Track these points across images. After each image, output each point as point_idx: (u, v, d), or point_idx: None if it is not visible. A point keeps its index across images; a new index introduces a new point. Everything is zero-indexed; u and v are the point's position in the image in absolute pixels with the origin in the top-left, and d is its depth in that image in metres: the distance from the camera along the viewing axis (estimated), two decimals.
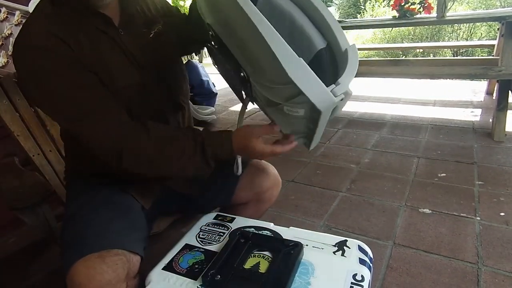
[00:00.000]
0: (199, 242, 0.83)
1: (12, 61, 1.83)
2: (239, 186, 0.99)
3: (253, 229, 0.86)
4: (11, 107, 1.04)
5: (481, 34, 7.83)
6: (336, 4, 12.93)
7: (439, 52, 7.09)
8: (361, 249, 0.78)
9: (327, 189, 1.81)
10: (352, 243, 0.79)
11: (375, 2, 9.73)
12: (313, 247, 0.78)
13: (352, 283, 0.68)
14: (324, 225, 1.52)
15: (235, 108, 3.48)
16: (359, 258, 0.75)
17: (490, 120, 2.48)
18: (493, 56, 3.01)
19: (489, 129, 2.38)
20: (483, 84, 3.44)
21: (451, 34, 8.09)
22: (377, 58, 6.19)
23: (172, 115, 0.90)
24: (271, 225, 0.88)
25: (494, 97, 2.80)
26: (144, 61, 0.82)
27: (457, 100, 3.16)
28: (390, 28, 7.30)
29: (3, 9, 2.15)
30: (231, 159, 0.82)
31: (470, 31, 7.96)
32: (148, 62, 0.82)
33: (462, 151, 2.12)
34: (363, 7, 10.41)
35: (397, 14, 2.75)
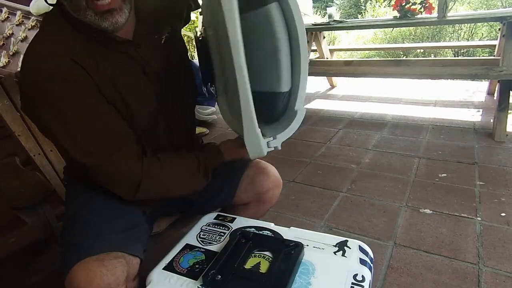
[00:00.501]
0: (199, 242, 0.83)
1: (13, 60, 1.82)
2: (240, 187, 1.00)
3: (253, 229, 0.86)
4: (12, 107, 1.04)
5: (482, 34, 7.82)
6: (337, 4, 12.93)
7: (440, 52, 7.09)
8: (361, 249, 0.78)
9: (327, 189, 1.81)
10: (353, 243, 0.79)
11: (376, 3, 9.72)
12: (313, 247, 0.78)
13: (352, 283, 0.68)
14: (325, 225, 1.52)
15: None
16: (360, 258, 0.75)
17: (491, 121, 2.47)
18: (494, 56, 3.00)
19: (490, 129, 2.38)
20: (484, 84, 3.43)
21: (452, 34, 8.08)
22: (378, 58, 6.18)
23: (179, 133, 0.92)
24: (271, 225, 0.88)
25: (495, 98, 2.80)
26: (161, 73, 0.82)
27: (458, 100, 3.16)
28: (391, 28, 7.29)
29: (4, 9, 2.15)
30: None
31: (471, 31, 7.95)
32: (164, 74, 0.83)
33: (463, 152, 2.11)
34: (363, 8, 10.41)
35: (398, 14, 2.74)
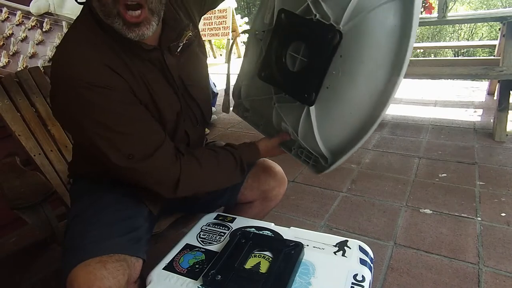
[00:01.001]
0: (199, 242, 0.83)
1: (13, 60, 1.82)
2: (245, 185, 1.00)
3: (253, 229, 0.86)
4: (12, 107, 1.04)
5: (482, 34, 7.82)
6: None
7: (440, 52, 7.09)
8: (361, 250, 0.78)
9: (327, 189, 1.81)
10: (353, 243, 0.79)
11: None
12: (313, 247, 0.78)
13: (352, 283, 0.68)
14: (325, 225, 1.52)
15: None
16: (360, 258, 0.75)
17: (491, 121, 2.47)
18: (494, 56, 3.01)
19: (490, 129, 2.38)
20: (484, 84, 3.43)
21: (452, 34, 8.08)
22: None
23: (194, 137, 0.92)
24: (271, 225, 0.88)
25: (495, 98, 2.80)
26: (183, 79, 0.83)
27: (458, 100, 3.16)
28: None
29: (4, 9, 2.15)
30: None
31: (471, 31, 7.95)
32: (180, 78, 0.83)
33: (463, 152, 2.11)
34: None
35: None
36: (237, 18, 7.02)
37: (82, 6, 0.75)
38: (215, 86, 3.16)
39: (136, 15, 0.67)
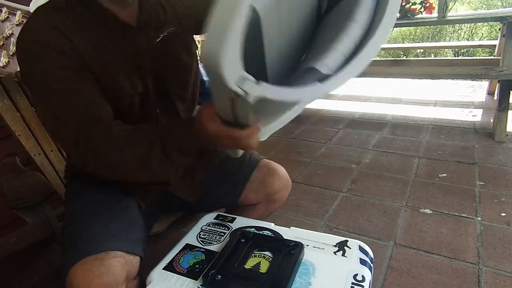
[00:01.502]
0: (199, 242, 0.83)
1: (13, 60, 1.84)
2: (249, 188, 0.99)
3: (253, 229, 0.86)
4: (12, 107, 1.04)
5: (482, 34, 7.82)
6: None
7: (440, 52, 7.09)
8: (361, 249, 0.78)
9: (327, 189, 1.81)
10: (353, 243, 0.79)
11: None
12: (313, 247, 0.78)
13: (352, 283, 0.68)
14: (325, 225, 1.52)
15: None
16: (360, 258, 0.75)
17: (491, 120, 2.47)
18: (494, 56, 3.01)
19: (490, 129, 2.38)
20: (484, 84, 3.43)
21: (452, 34, 8.08)
22: (378, 58, 6.18)
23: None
24: (271, 225, 0.87)
25: (495, 97, 2.80)
26: (149, 67, 0.81)
27: (458, 100, 3.16)
28: None
29: (4, 9, 2.15)
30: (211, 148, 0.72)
31: (471, 31, 7.94)
32: (153, 68, 0.81)
33: (463, 152, 2.11)
34: None
35: (398, 14, 2.74)
36: None
37: None
38: None
39: None
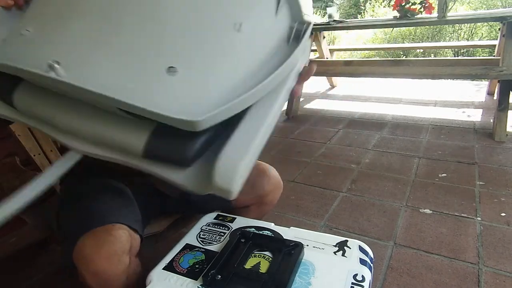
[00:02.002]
0: (199, 242, 0.83)
1: None
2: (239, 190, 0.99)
3: (253, 229, 0.86)
4: None
5: (482, 34, 7.82)
6: (337, 4, 12.95)
7: (440, 52, 7.08)
8: (361, 249, 0.78)
9: (327, 189, 1.81)
10: (353, 243, 0.79)
11: (375, 2, 9.73)
12: (313, 247, 0.78)
13: (352, 283, 0.68)
14: (325, 225, 1.52)
15: None
16: (360, 258, 0.75)
17: (491, 121, 2.47)
18: (494, 56, 3.01)
19: (490, 129, 2.38)
20: (484, 84, 3.44)
21: (452, 34, 8.08)
22: (378, 58, 6.18)
23: None
24: (271, 225, 0.88)
25: (495, 97, 2.80)
26: None
27: (458, 100, 3.16)
28: (391, 28, 7.29)
29: None
30: None
31: (471, 31, 7.94)
32: None
33: (463, 152, 2.11)
34: (363, 8, 10.41)
35: (398, 14, 2.75)
36: None
37: None
38: None
39: None
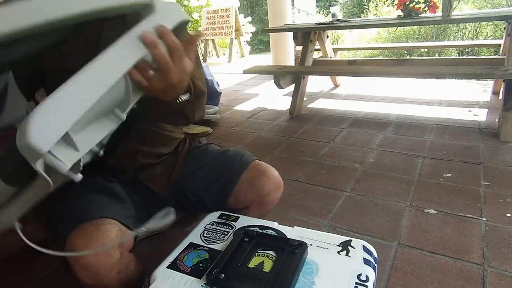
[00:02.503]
0: (203, 241, 0.83)
1: None
2: (239, 190, 0.99)
3: (257, 228, 0.86)
4: None
5: (487, 33, 7.76)
6: (341, 4, 12.92)
7: (444, 51, 7.04)
8: (365, 249, 0.77)
9: (331, 189, 1.80)
10: (357, 243, 0.79)
11: (379, 1, 9.68)
12: (317, 246, 0.78)
13: (356, 283, 0.68)
14: (328, 224, 1.52)
15: (239, 107, 3.48)
16: (364, 258, 0.75)
17: (496, 120, 2.45)
18: (499, 55, 2.98)
19: (495, 129, 2.36)
20: (489, 83, 3.41)
21: (456, 34, 8.02)
22: (381, 58, 6.16)
23: None
24: (275, 225, 0.87)
25: (500, 97, 2.78)
26: None
27: (463, 100, 3.14)
28: (395, 28, 7.26)
29: None
30: None
31: (476, 31, 7.88)
32: None
33: (468, 151, 2.10)
34: (367, 7, 10.37)
35: (402, 14, 2.73)
36: (240, 17, 7.02)
37: None
38: (219, 86, 3.16)
39: None
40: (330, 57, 3.61)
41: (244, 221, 0.90)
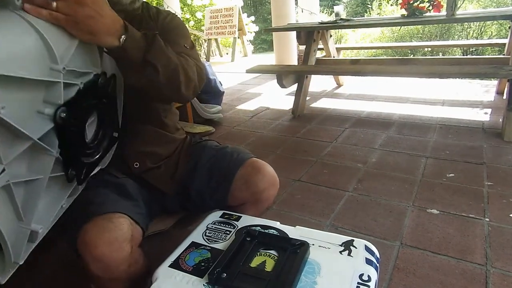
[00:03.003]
0: (205, 240, 0.83)
1: None
2: (235, 186, 0.99)
3: (259, 227, 0.86)
4: None
5: (492, 32, 7.71)
6: (344, 3, 12.89)
7: (449, 51, 7.01)
8: (367, 249, 0.77)
9: (333, 189, 1.80)
10: (359, 243, 0.79)
11: (383, 1, 9.65)
12: (319, 246, 0.78)
13: (358, 283, 0.68)
14: (331, 224, 1.51)
15: (242, 107, 3.48)
16: (366, 258, 0.75)
17: (500, 120, 2.44)
18: (503, 55, 2.97)
19: (499, 129, 2.35)
20: (493, 83, 3.39)
21: (460, 33, 7.98)
22: (385, 57, 6.14)
23: None
24: (277, 224, 0.88)
25: (504, 97, 2.76)
26: None
27: (467, 99, 3.12)
28: (399, 27, 7.23)
29: None
30: None
31: (480, 30, 7.84)
32: None
33: (471, 151, 2.09)
34: (370, 6, 10.34)
35: (406, 13, 2.72)
36: (244, 16, 7.02)
37: None
38: (221, 85, 3.17)
39: None
40: (333, 57, 3.61)
41: (246, 220, 0.90)
